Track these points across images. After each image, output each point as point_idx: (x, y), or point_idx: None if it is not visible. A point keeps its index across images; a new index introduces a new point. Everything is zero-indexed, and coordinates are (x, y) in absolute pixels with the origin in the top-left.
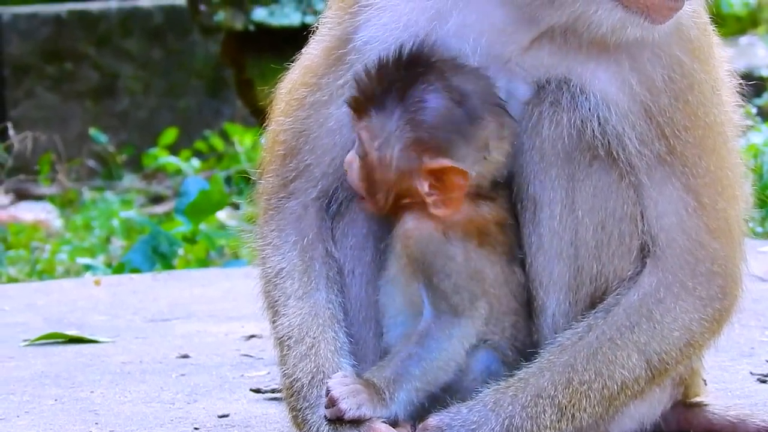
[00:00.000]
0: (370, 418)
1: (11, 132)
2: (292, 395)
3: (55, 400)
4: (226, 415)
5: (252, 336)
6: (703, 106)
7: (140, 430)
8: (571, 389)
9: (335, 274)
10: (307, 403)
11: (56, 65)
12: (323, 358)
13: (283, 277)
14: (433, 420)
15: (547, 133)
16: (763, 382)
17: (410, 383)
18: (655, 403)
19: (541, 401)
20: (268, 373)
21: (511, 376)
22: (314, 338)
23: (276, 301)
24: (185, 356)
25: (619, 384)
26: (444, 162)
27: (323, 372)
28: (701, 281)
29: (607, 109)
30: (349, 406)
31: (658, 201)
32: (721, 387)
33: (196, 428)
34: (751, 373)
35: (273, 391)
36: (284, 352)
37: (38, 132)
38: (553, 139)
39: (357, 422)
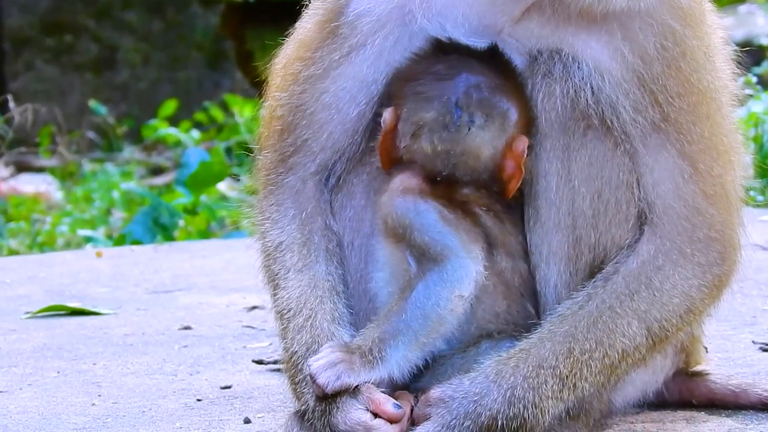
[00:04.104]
0: (369, 386)
1: (11, 104)
2: (291, 368)
3: (58, 372)
4: (229, 387)
5: (254, 307)
6: (696, 73)
7: (143, 402)
8: (572, 359)
9: (335, 246)
10: (302, 376)
11: (56, 38)
12: (319, 329)
13: (282, 251)
14: (435, 392)
15: (541, 106)
16: (765, 350)
17: (398, 339)
18: (657, 371)
19: (542, 372)
20: (270, 344)
21: (513, 347)
22: (312, 310)
23: (276, 275)
24: (187, 328)
25: (620, 352)
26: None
27: (318, 343)
28: (699, 247)
29: (600, 78)
30: (326, 380)
31: (654, 168)
32: (723, 356)
33: (198, 400)
34: (753, 341)
35: (275, 362)
36: (283, 325)
37: (38, 104)
38: (547, 110)
39: (353, 392)
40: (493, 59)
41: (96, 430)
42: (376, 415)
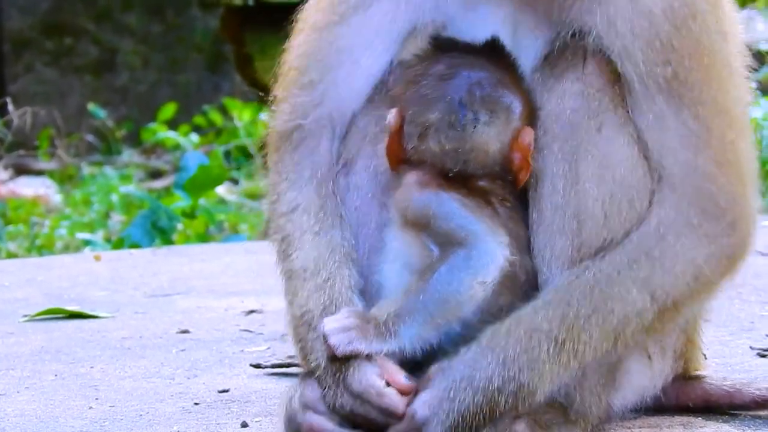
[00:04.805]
0: (383, 357)
1: (10, 107)
2: (301, 325)
3: (56, 375)
4: (226, 390)
5: (252, 311)
6: (706, 36)
7: (140, 406)
8: (567, 323)
9: (345, 213)
10: (315, 335)
11: (56, 40)
12: (338, 292)
13: (299, 213)
14: (434, 366)
15: (553, 107)
16: (763, 356)
17: (413, 317)
18: (656, 377)
19: (535, 335)
20: (268, 348)
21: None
22: (330, 273)
23: (290, 235)
24: (185, 331)
25: (620, 318)
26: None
27: (335, 305)
28: (708, 217)
29: (608, 40)
30: (338, 342)
31: (664, 133)
32: (720, 361)
33: (196, 403)
34: (750, 347)
35: (273, 366)
36: (297, 284)
37: (37, 107)
38: (557, 112)
39: (367, 358)
40: (492, 53)
41: None
42: (387, 384)
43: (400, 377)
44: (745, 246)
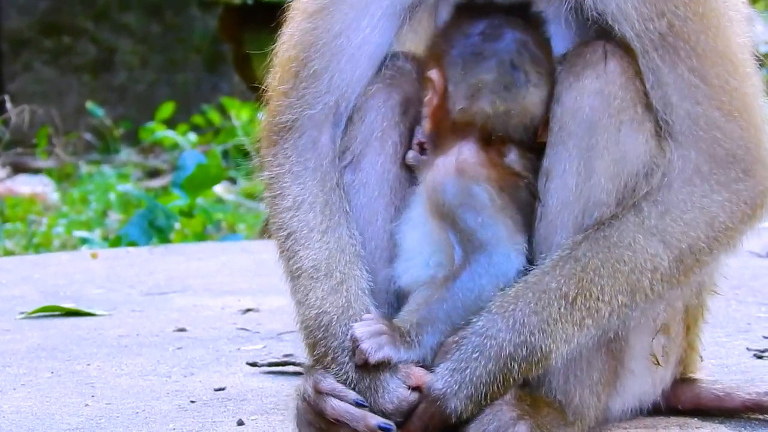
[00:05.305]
0: (406, 364)
1: (8, 105)
2: (315, 327)
3: (52, 373)
4: (223, 389)
5: (248, 310)
6: None
7: (136, 403)
8: (575, 278)
9: (349, 208)
10: (337, 342)
11: (54, 39)
12: (354, 294)
13: (305, 210)
14: (449, 339)
15: (572, 104)
16: (759, 357)
17: (436, 326)
18: (657, 383)
19: (545, 296)
20: (265, 346)
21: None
22: (343, 274)
23: (296, 232)
24: (182, 330)
25: (632, 267)
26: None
27: (353, 308)
28: (719, 164)
29: (602, 5)
30: (370, 347)
31: (665, 87)
32: (717, 363)
33: (192, 401)
34: (747, 348)
35: (269, 364)
36: (308, 284)
37: (35, 105)
38: (574, 110)
39: (392, 368)
40: (521, 12)
41: (89, 430)
42: (413, 389)
43: (428, 378)
44: (765, 193)
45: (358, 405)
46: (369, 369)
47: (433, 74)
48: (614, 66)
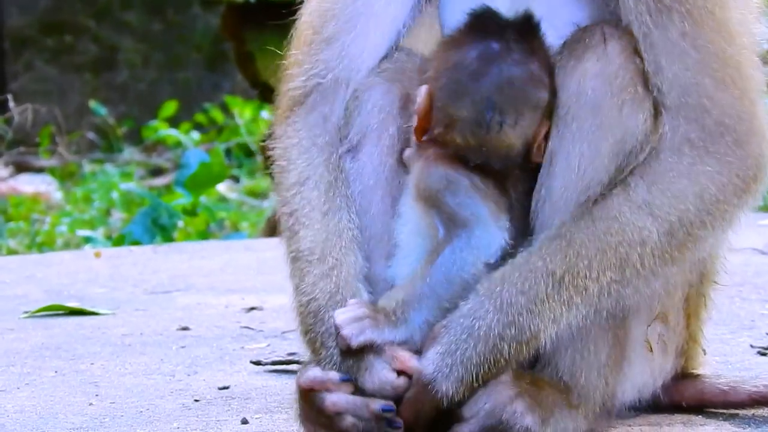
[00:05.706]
0: (392, 346)
1: (11, 104)
2: (307, 315)
3: (56, 372)
4: (227, 387)
5: (252, 308)
6: None
7: (140, 402)
8: (561, 255)
9: (351, 193)
10: (324, 327)
11: (56, 38)
12: (344, 281)
13: (309, 188)
14: (438, 324)
15: (573, 88)
16: (763, 354)
17: (422, 302)
18: (656, 374)
19: (531, 275)
20: (268, 345)
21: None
22: (337, 260)
23: (298, 210)
24: (185, 328)
25: (619, 240)
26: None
27: (342, 295)
28: (709, 135)
29: None
30: (351, 333)
31: (658, 53)
32: (721, 359)
33: (196, 400)
34: (751, 345)
35: (273, 363)
36: (303, 267)
37: (38, 104)
38: (577, 93)
39: (376, 350)
40: (526, 26)
41: (93, 429)
42: (399, 373)
43: (413, 362)
44: (759, 166)
45: (343, 381)
46: (352, 353)
47: (422, 91)
48: (613, 47)
